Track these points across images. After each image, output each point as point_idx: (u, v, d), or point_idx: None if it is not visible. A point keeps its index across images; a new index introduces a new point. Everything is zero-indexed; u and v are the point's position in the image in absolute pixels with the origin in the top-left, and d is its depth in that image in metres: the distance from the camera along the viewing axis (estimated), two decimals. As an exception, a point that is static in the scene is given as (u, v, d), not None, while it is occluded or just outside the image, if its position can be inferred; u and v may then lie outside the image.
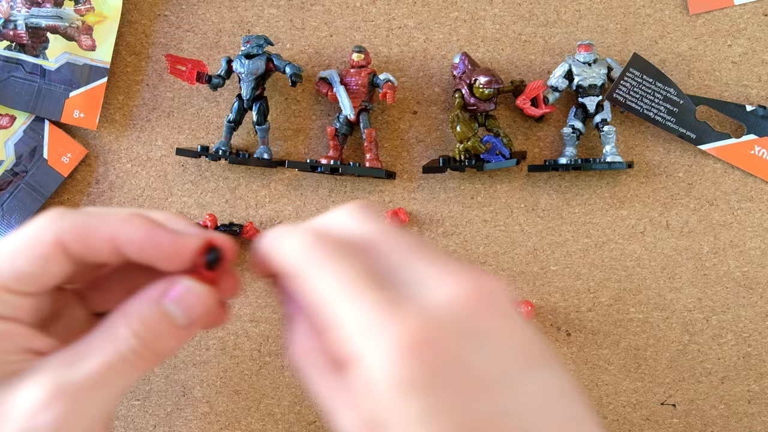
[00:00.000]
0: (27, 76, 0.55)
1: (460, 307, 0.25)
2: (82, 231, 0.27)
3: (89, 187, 0.56)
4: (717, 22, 0.55)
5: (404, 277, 0.26)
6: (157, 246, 0.28)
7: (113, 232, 0.28)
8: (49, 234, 0.27)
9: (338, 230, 0.29)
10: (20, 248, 0.27)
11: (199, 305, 0.28)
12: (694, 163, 0.55)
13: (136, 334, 0.27)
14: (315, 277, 0.26)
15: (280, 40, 0.56)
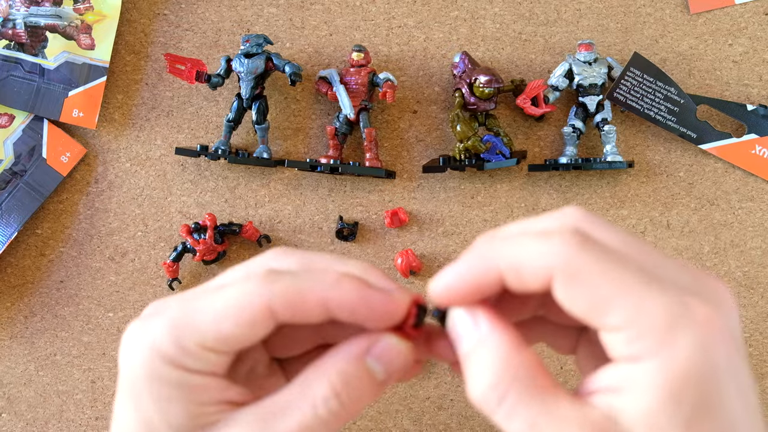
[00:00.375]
0: (26, 75, 0.55)
1: (716, 350, 0.23)
2: (293, 298, 0.27)
3: (88, 186, 0.56)
4: (718, 21, 0.55)
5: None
6: (370, 308, 0.28)
7: (325, 297, 0.27)
8: (260, 301, 0.27)
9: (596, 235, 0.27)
10: (228, 311, 0.27)
11: (400, 362, 0.28)
12: (694, 163, 0.55)
13: (337, 393, 0.27)
14: (599, 275, 0.24)
15: (280, 39, 0.56)
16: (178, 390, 0.27)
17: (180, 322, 0.28)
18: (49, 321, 0.56)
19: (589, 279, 0.24)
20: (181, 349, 0.27)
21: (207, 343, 0.27)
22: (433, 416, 0.55)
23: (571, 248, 0.25)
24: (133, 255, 0.56)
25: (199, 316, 0.28)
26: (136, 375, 0.28)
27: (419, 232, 0.56)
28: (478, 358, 0.26)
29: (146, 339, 0.28)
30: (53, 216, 0.56)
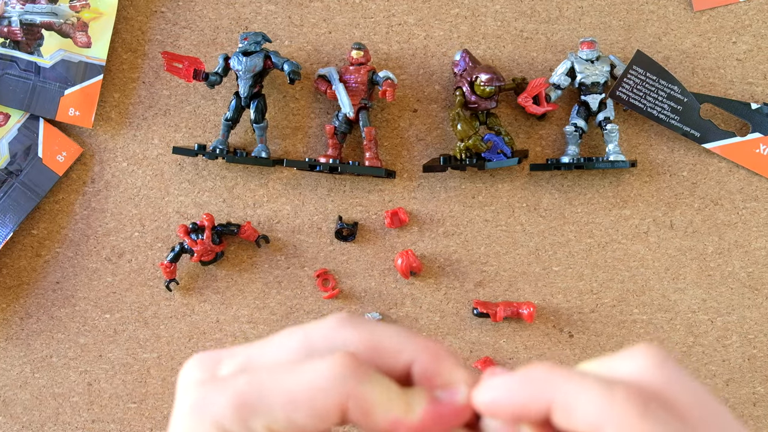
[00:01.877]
0: (21, 73, 0.54)
1: None
2: (366, 406, 0.27)
3: (84, 186, 0.55)
4: (721, 19, 0.55)
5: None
6: (438, 425, 0.27)
7: (395, 421, 0.27)
8: (336, 395, 0.27)
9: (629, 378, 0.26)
10: (304, 399, 0.27)
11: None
12: (698, 162, 0.55)
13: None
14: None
15: (279, 37, 0.55)
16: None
17: (248, 401, 0.27)
18: (44, 322, 0.56)
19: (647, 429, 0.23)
20: (248, 431, 0.26)
21: (276, 428, 0.26)
22: (433, 419, 0.55)
23: (632, 414, 0.24)
24: (130, 256, 0.56)
25: (270, 397, 0.27)
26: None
27: (419, 233, 0.55)
28: None
29: (208, 414, 0.27)
30: (49, 216, 0.56)
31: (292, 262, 0.55)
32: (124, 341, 0.56)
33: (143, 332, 0.56)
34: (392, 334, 0.29)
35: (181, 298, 0.56)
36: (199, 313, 0.56)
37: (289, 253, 0.55)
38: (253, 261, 0.55)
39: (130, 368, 0.56)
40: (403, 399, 0.27)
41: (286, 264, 0.55)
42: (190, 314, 0.56)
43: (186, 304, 0.56)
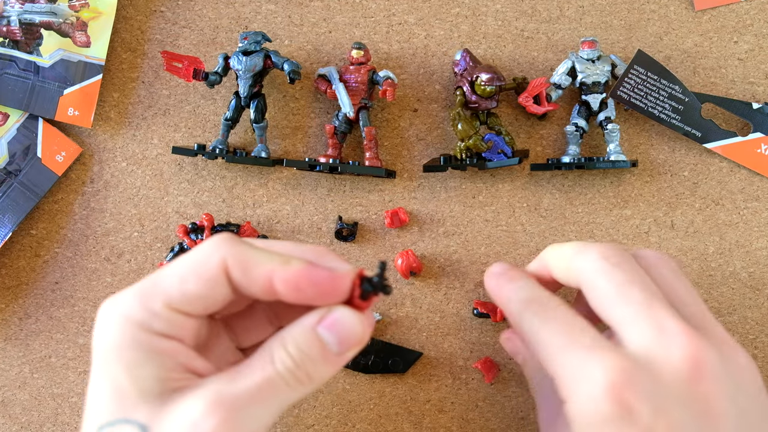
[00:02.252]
0: (20, 73, 0.54)
1: (678, 369, 0.29)
2: (244, 261, 0.29)
3: (84, 186, 0.55)
4: (723, 18, 0.54)
5: (616, 318, 0.32)
6: (314, 285, 0.29)
7: (271, 271, 0.29)
8: (216, 257, 0.29)
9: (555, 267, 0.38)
10: (190, 270, 0.29)
11: (352, 334, 0.30)
12: (699, 162, 0.54)
13: (291, 356, 0.29)
14: (535, 332, 0.33)
15: (278, 37, 0.55)
16: (147, 354, 0.28)
17: (147, 288, 0.29)
18: (43, 323, 0.55)
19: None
20: (150, 312, 0.29)
21: (173, 303, 0.29)
22: (433, 419, 0.54)
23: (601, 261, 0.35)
24: (130, 256, 0.55)
25: (164, 279, 0.29)
26: (108, 344, 0.29)
27: (420, 233, 0.55)
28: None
29: (117, 309, 0.29)
30: (48, 216, 0.55)
31: (291, 263, 0.55)
32: (123, 342, 0.55)
33: (143, 333, 0.55)
34: (284, 242, 0.33)
35: (181, 299, 0.55)
36: (198, 314, 0.55)
37: (289, 254, 0.55)
38: (252, 261, 0.55)
39: (130, 369, 0.55)
40: (281, 257, 0.30)
41: (285, 264, 0.55)
42: (190, 314, 0.55)
43: (185, 305, 0.55)
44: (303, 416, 0.55)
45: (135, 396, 0.28)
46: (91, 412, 0.29)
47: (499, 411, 0.54)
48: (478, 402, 0.54)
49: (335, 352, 0.30)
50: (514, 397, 0.54)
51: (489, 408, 0.54)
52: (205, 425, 0.27)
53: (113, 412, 0.28)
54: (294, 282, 0.29)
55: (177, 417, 0.27)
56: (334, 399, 0.54)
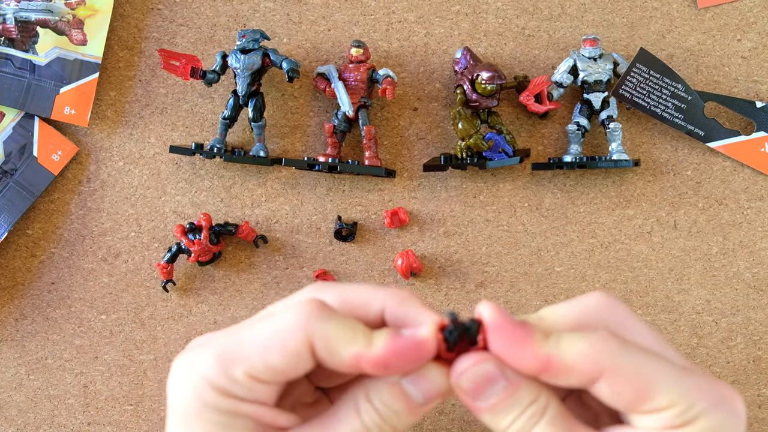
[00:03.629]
0: (16, 71, 0.54)
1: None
2: (329, 340, 0.29)
3: (80, 185, 0.55)
4: (726, 16, 0.54)
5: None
6: (402, 359, 0.29)
7: (357, 354, 0.29)
8: (301, 333, 0.29)
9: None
10: (274, 342, 0.29)
11: (437, 386, 0.30)
12: (702, 161, 0.54)
13: (377, 409, 0.29)
14: (642, 368, 0.29)
15: (277, 35, 0.55)
16: (230, 417, 0.29)
17: (227, 353, 0.29)
18: (40, 324, 0.55)
19: (635, 372, 0.28)
20: (230, 379, 0.29)
21: (255, 372, 0.29)
22: (434, 421, 0.54)
23: (614, 349, 0.29)
24: (127, 256, 0.55)
25: (246, 346, 0.29)
26: (186, 405, 0.29)
27: (420, 233, 0.54)
28: (512, 401, 0.30)
29: (195, 370, 0.29)
30: (44, 216, 0.55)
31: (290, 263, 0.55)
32: (120, 343, 0.55)
33: (140, 334, 0.55)
34: (361, 287, 0.32)
35: (178, 299, 0.55)
36: (196, 315, 0.55)
37: (288, 254, 0.55)
38: (251, 261, 0.55)
39: (127, 370, 0.55)
40: (365, 335, 0.29)
41: (284, 264, 0.55)
42: (188, 315, 0.55)
43: (183, 305, 0.55)
44: (302, 418, 0.54)
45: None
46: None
47: (500, 413, 0.54)
48: (478, 404, 0.54)
49: (420, 404, 0.30)
50: (515, 398, 0.54)
51: (490, 410, 0.54)
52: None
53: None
54: (382, 363, 0.29)
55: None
56: (334, 401, 0.54)
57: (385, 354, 0.29)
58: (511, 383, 0.29)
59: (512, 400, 0.29)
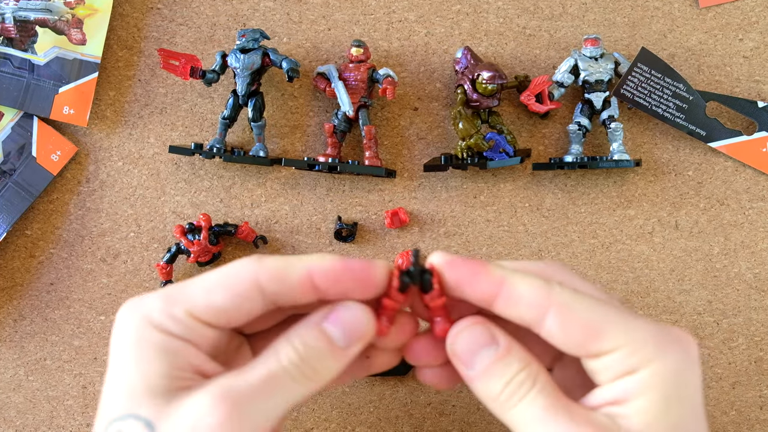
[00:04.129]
0: (15, 71, 0.53)
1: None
2: (279, 269, 0.29)
3: (79, 185, 0.55)
4: (728, 16, 0.54)
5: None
6: (353, 276, 0.29)
7: (309, 267, 0.29)
8: (248, 273, 0.29)
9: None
10: (218, 283, 0.30)
11: (357, 326, 0.30)
12: (704, 161, 0.54)
13: (297, 350, 0.29)
14: (590, 310, 0.30)
15: (277, 34, 0.54)
16: (158, 352, 0.29)
17: (172, 294, 0.30)
18: (38, 324, 0.55)
19: (584, 312, 0.29)
20: (169, 316, 0.29)
21: (196, 311, 0.29)
22: (434, 422, 0.54)
23: (565, 289, 0.30)
24: (126, 256, 0.55)
25: (191, 288, 0.30)
26: (123, 341, 0.30)
27: (420, 233, 0.54)
28: (502, 366, 0.30)
29: (137, 309, 0.30)
30: (43, 216, 0.55)
31: (290, 263, 0.54)
32: (119, 343, 0.55)
33: (139, 334, 0.55)
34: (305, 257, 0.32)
35: (178, 300, 0.55)
36: (195, 315, 0.55)
37: (288, 254, 0.54)
38: (250, 262, 0.55)
39: (126, 371, 0.55)
40: (315, 255, 0.30)
41: (284, 265, 0.54)
42: (187, 316, 0.55)
43: (182, 306, 0.55)
44: (302, 419, 0.54)
45: (143, 392, 0.28)
46: (104, 406, 0.29)
47: (500, 414, 0.53)
48: (479, 405, 0.54)
49: (341, 346, 0.30)
50: (515, 399, 0.53)
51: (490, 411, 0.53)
52: (210, 419, 0.27)
53: (123, 407, 0.29)
54: (333, 273, 0.29)
55: (182, 413, 0.28)
56: (334, 402, 0.54)
57: (336, 265, 0.29)
58: (503, 347, 0.30)
59: (503, 363, 0.30)
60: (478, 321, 0.31)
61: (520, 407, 0.29)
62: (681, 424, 0.28)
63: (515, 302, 0.30)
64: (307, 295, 0.30)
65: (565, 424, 0.28)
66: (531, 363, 0.30)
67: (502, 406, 0.30)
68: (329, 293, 0.30)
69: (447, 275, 0.30)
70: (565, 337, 0.29)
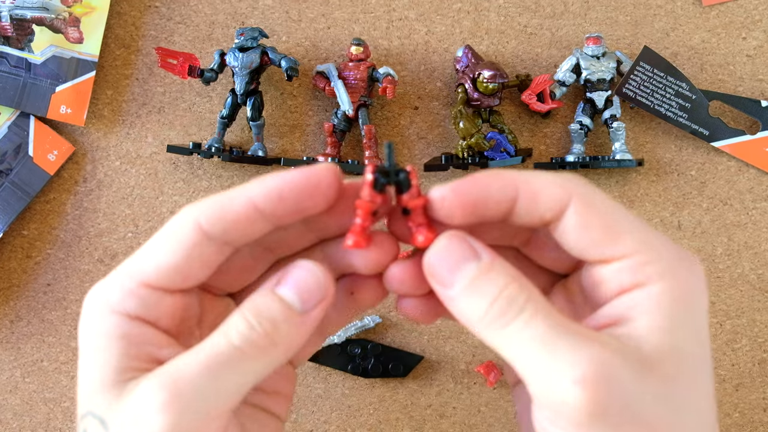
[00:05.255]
0: (11, 69, 0.53)
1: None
2: (217, 207, 0.26)
3: (76, 185, 0.54)
4: (731, 14, 0.53)
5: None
6: (294, 184, 0.26)
7: (249, 194, 0.26)
8: (187, 219, 0.27)
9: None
10: (161, 240, 0.27)
11: (313, 286, 0.27)
12: (706, 161, 0.53)
13: (249, 321, 0.26)
14: (611, 210, 0.27)
15: (276, 33, 0.54)
16: (109, 341, 0.26)
17: (127, 268, 0.27)
18: (35, 326, 0.54)
19: (603, 210, 0.26)
20: (127, 294, 0.27)
21: (148, 279, 0.27)
22: (434, 425, 0.53)
23: (588, 185, 0.27)
24: (123, 257, 0.54)
25: (140, 256, 0.27)
26: (84, 332, 0.27)
27: (420, 233, 0.54)
28: (486, 282, 0.26)
29: (100, 294, 0.27)
30: (40, 216, 0.54)
31: (289, 264, 0.54)
32: (117, 345, 0.54)
33: (137, 336, 0.54)
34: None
35: (176, 301, 0.54)
36: (194, 316, 0.54)
37: (287, 255, 0.54)
38: (249, 262, 0.54)
39: (124, 373, 0.54)
40: (254, 181, 0.27)
41: (283, 266, 0.54)
42: (185, 317, 0.54)
43: (181, 307, 0.54)
44: (301, 421, 0.54)
45: (98, 387, 0.26)
46: (78, 399, 0.28)
47: (502, 416, 0.53)
48: (480, 407, 0.53)
49: (299, 310, 0.27)
50: (517, 401, 0.53)
51: (492, 413, 0.53)
52: (150, 410, 0.25)
53: (84, 403, 0.27)
54: (275, 191, 0.26)
55: (128, 405, 0.25)
56: (333, 404, 0.53)
57: (275, 182, 0.26)
58: (486, 260, 0.26)
59: (488, 278, 0.26)
60: (455, 234, 0.27)
61: (513, 327, 0.25)
62: (687, 350, 0.26)
63: (535, 201, 0.26)
64: (257, 225, 0.27)
65: (567, 343, 0.24)
66: (520, 278, 0.26)
67: (488, 327, 0.26)
68: (281, 217, 0.27)
69: (461, 202, 0.27)
70: (583, 233, 0.26)
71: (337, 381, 0.53)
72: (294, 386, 0.33)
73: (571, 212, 0.26)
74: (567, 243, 0.27)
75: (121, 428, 0.25)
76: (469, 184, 0.27)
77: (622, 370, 0.24)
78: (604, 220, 0.26)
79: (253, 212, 0.27)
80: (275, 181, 0.27)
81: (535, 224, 0.27)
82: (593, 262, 0.27)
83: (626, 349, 0.25)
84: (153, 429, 0.24)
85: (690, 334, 0.26)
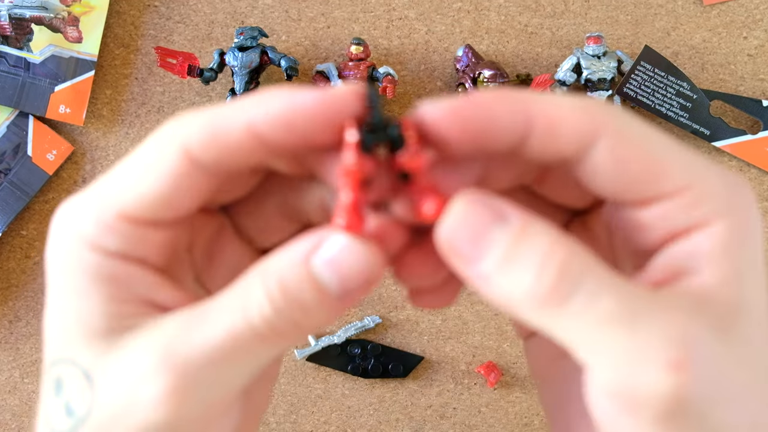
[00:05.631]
0: (10, 69, 0.53)
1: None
2: (210, 132, 0.21)
3: (76, 185, 0.54)
4: (732, 13, 0.53)
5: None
6: (311, 110, 0.21)
7: (248, 117, 0.21)
8: (173, 144, 0.22)
9: None
10: (141, 167, 0.22)
11: (358, 268, 0.21)
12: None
13: (274, 302, 0.21)
14: (652, 139, 0.21)
15: (275, 32, 0.54)
16: (93, 282, 0.22)
17: (103, 193, 0.23)
18: (34, 326, 0.54)
19: (642, 142, 0.20)
20: (104, 227, 0.22)
21: (128, 211, 0.22)
22: (434, 425, 0.53)
23: (621, 113, 0.21)
24: (123, 257, 0.54)
25: (116, 182, 0.22)
26: (56, 266, 0.23)
27: (421, 233, 0.54)
28: (526, 249, 0.20)
29: (70, 222, 0.23)
30: (39, 216, 0.54)
31: (289, 264, 0.54)
32: (116, 345, 0.54)
33: (136, 336, 0.54)
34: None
35: (175, 301, 0.54)
36: (193, 317, 0.54)
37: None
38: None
39: (123, 373, 0.54)
40: (253, 99, 0.22)
41: (283, 266, 0.54)
42: (185, 317, 0.54)
43: (180, 307, 0.54)
44: (301, 422, 0.53)
45: (81, 334, 0.22)
46: (46, 343, 0.23)
47: (502, 417, 0.53)
48: (480, 407, 0.53)
49: (335, 294, 0.21)
50: (517, 402, 0.53)
51: (492, 414, 0.53)
52: (150, 389, 0.20)
53: (60, 348, 0.22)
54: (282, 119, 0.21)
55: (121, 368, 0.21)
56: (333, 404, 0.53)
57: (284, 105, 0.21)
58: (517, 222, 0.20)
59: (527, 245, 0.20)
60: (474, 194, 0.21)
61: (573, 307, 0.19)
62: (755, 301, 0.21)
63: (553, 132, 0.21)
64: (255, 154, 0.22)
65: (648, 319, 0.19)
66: (566, 239, 0.20)
67: (539, 308, 0.20)
68: (287, 148, 0.22)
69: (460, 127, 0.21)
70: (617, 173, 0.21)
71: (337, 381, 0.53)
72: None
73: (601, 147, 0.21)
74: (595, 183, 0.22)
75: (110, 392, 0.21)
76: (471, 105, 0.21)
77: (712, 343, 0.20)
78: (645, 154, 0.21)
79: (253, 140, 0.22)
80: (282, 104, 0.22)
81: (552, 160, 0.22)
82: (631, 203, 0.22)
83: (707, 313, 0.20)
84: (152, 417, 0.21)
85: (757, 282, 0.21)
